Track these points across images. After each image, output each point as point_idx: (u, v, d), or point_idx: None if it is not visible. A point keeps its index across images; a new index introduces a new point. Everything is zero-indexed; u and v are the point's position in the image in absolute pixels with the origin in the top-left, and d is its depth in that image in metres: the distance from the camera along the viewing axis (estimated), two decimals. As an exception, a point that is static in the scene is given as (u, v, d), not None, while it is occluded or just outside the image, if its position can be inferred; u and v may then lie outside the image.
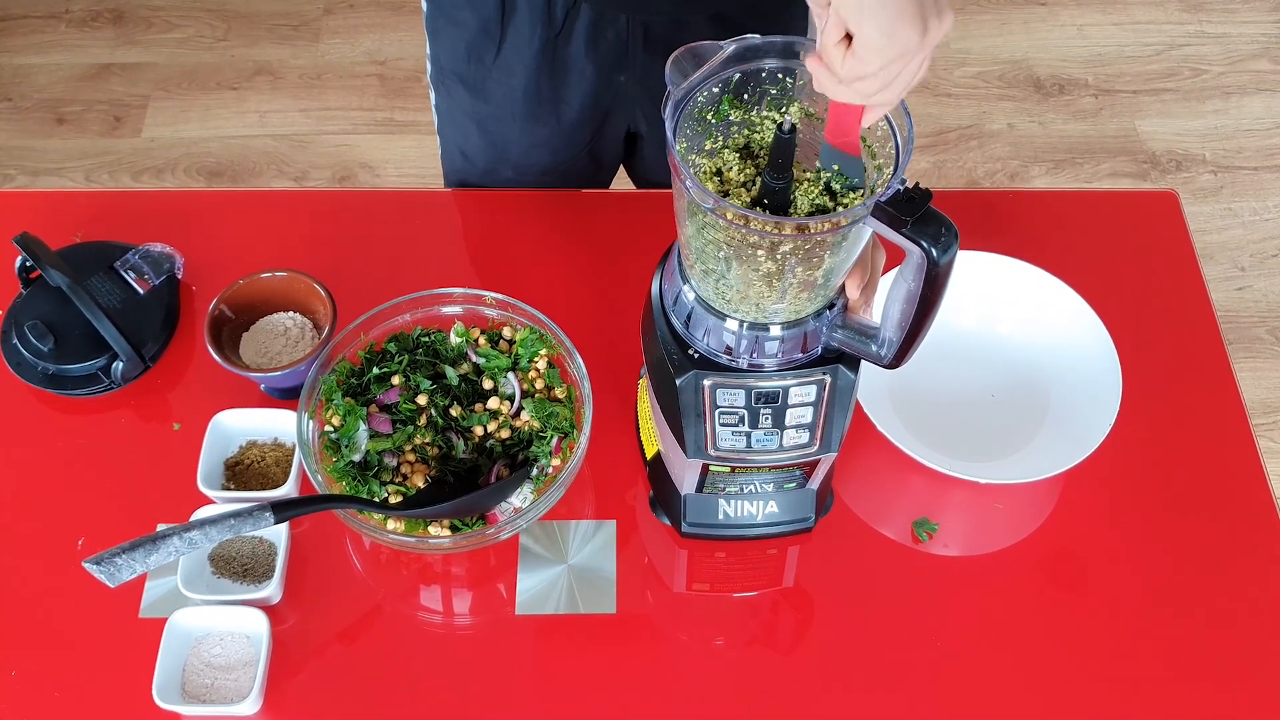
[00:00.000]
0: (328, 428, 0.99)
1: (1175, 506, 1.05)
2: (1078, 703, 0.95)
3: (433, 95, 1.26)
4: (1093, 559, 1.03)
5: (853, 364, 0.85)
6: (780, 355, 0.83)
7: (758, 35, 0.75)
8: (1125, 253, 1.21)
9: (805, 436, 0.88)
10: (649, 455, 1.02)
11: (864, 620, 0.99)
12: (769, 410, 0.86)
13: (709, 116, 0.77)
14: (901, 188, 0.70)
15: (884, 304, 0.79)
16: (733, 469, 0.92)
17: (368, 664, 0.96)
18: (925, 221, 0.70)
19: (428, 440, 0.99)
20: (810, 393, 0.85)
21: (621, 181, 1.43)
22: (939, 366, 1.09)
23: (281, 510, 0.87)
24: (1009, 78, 2.48)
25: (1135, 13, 2.60)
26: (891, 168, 0.74)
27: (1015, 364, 1.11)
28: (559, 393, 1.03)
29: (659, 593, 1.01)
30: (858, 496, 1.05)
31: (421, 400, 1.00)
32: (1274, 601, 1.00)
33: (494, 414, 1.00)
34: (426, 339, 1.04)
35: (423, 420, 0.99)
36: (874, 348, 0.82)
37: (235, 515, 0.86)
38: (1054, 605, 1.00)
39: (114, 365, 1.06)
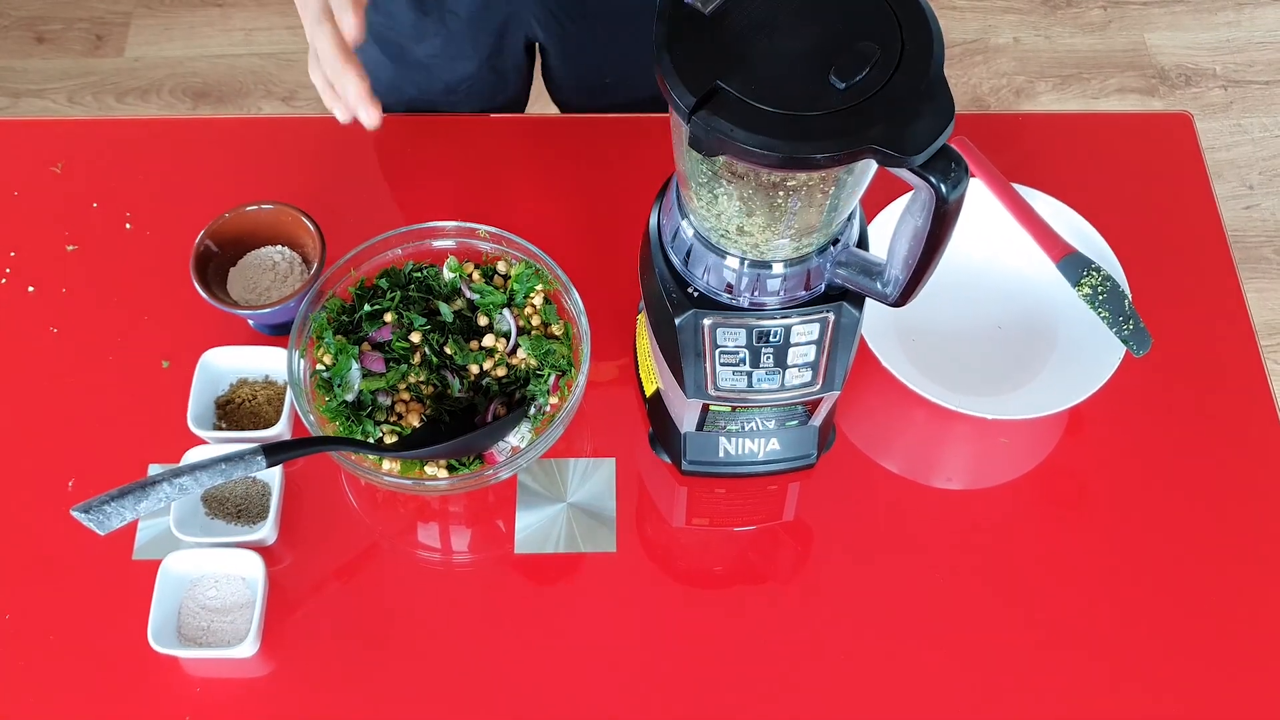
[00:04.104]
0: (319, 366, 0.97)
1: (1183, 434, 1.03)
2: (1083, 635, 0.94)
3: None
4: (1099, 490, 1.01)
5: (857, 301, 0.82)
6: (782, 293, 0.81)
7: None
8: (1136, 176, 1.18)
9: (808, 375, 0.86)
10: (648, 393, 1.00)
11: (866, 555, 0.98)
12: (770, 349, 0.83)
13: None
14: (910, 120, 0.67)
15: (890, 240, 0.77)
16: (734, 408, 0.90)
17: (366, 604, 0.95)
18: (934, 156, 0.67)
19: (422, 379, 0.97)
20: (813, 331, 0.83)
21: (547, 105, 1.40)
22: (945, 299, 1.06)
23: (274, 453, 0.85)
24: (1015, -11, 2.41)
25: (1147, -80, 2.52)
26: None
27: (1023, 295, 1.08)
28: (556, 329, 1.00)
29: (659, 529, 1.00)
30: (861, 432, 1.03)
31: (415, 338, 0.97)
32: (1281, 535, 0.99)
33: (490, 351, 0.98)
34: (419, 274, 1.01)
35: (417, 358, 0.97)
36: (879, 286, 0.79)
37: (226, 459, 0.84)
38: (1059, 539, 0.99)
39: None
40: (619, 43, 1.18)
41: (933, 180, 0.67)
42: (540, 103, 1.40)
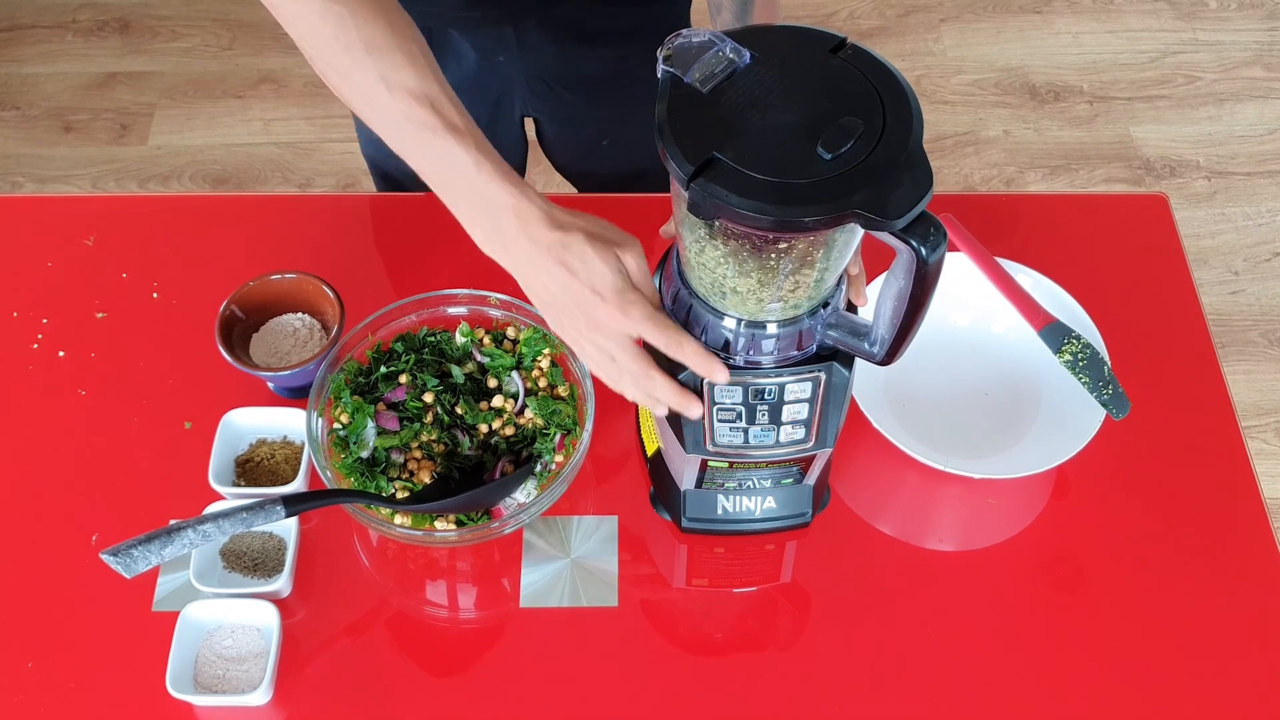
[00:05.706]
0: (336, 425, 1.01)
1: (1165, 503, 1.07)
2: (1073, 694, 0.97)
3: None
4: (1084, 554, 1.05)
5: (847, 361, 0.87)
6: (776, 353, 0.85)
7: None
8: (1116, 254, 1.24)
9: (801, 432, 0.90)
10: (649, 452, 1.04)
11: (860, 614, 1.01)
12: (766, 407, 0.88)
13: None
14: (891, 189, 0.73)
15: (875, 302, 0.82)
16: (731, 464, 0.95)
17: (375, 656, 0.98)
18: (914, 221, 0.72)
19: (434, 437, 1.01)
20: (806, 389, 0.87)
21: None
22: (934, 366, 1.11)
23: (292, 504, 0.90)
24: (1005, 85, 2.51)
25: (1129, 21, 2.63)
26: None
27: (1008, 363, 1.13)
28: (562, 391, 1.05)
29: (660, 587, 1.03)
30: (854, 492, 1.07)
31: (428, 398, 1.02)
32: (1261, 599, 1.02)
33: (498, 412, 1.03)
34: (432, 339, 1.06)
35: (429, 418, 1.02)
36: (867, 345, 0.84)
37: (247, 509, 0.88)
38: (1046, 598, 1.02)
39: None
40: (613, 106, 1.24)
41: (913, 243, 0.72)
42: (539, 167, 1.47)
